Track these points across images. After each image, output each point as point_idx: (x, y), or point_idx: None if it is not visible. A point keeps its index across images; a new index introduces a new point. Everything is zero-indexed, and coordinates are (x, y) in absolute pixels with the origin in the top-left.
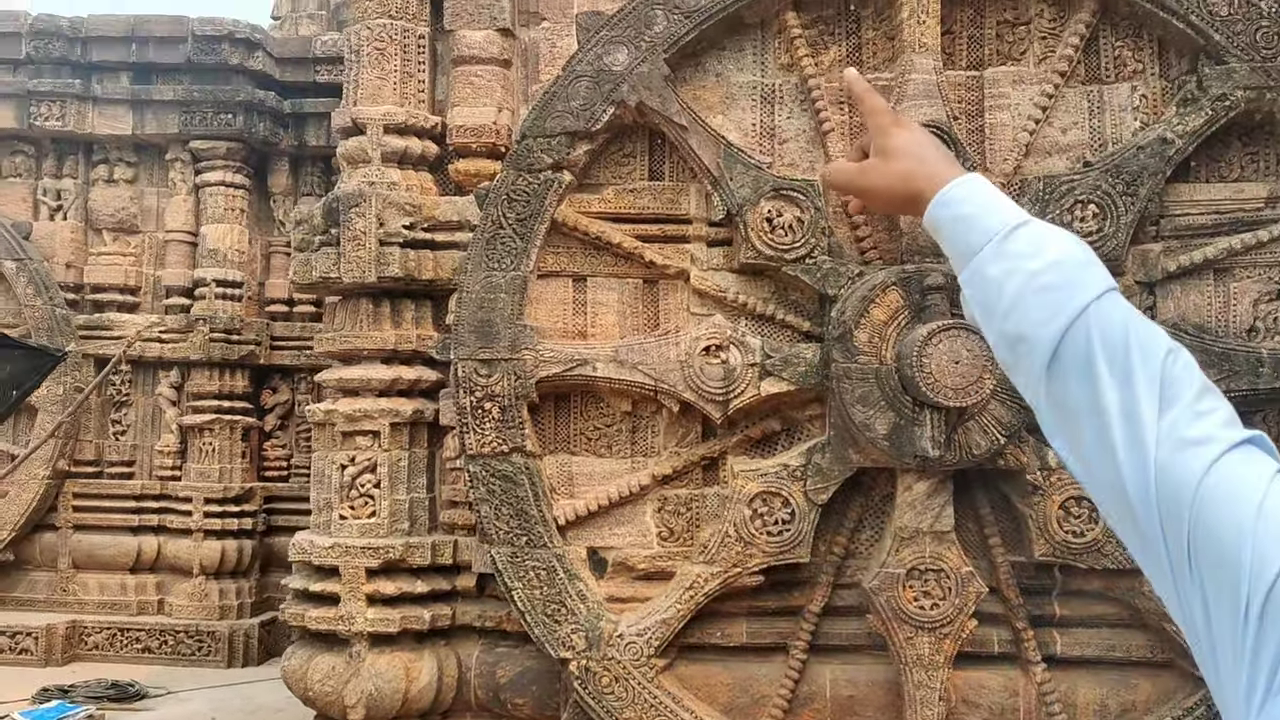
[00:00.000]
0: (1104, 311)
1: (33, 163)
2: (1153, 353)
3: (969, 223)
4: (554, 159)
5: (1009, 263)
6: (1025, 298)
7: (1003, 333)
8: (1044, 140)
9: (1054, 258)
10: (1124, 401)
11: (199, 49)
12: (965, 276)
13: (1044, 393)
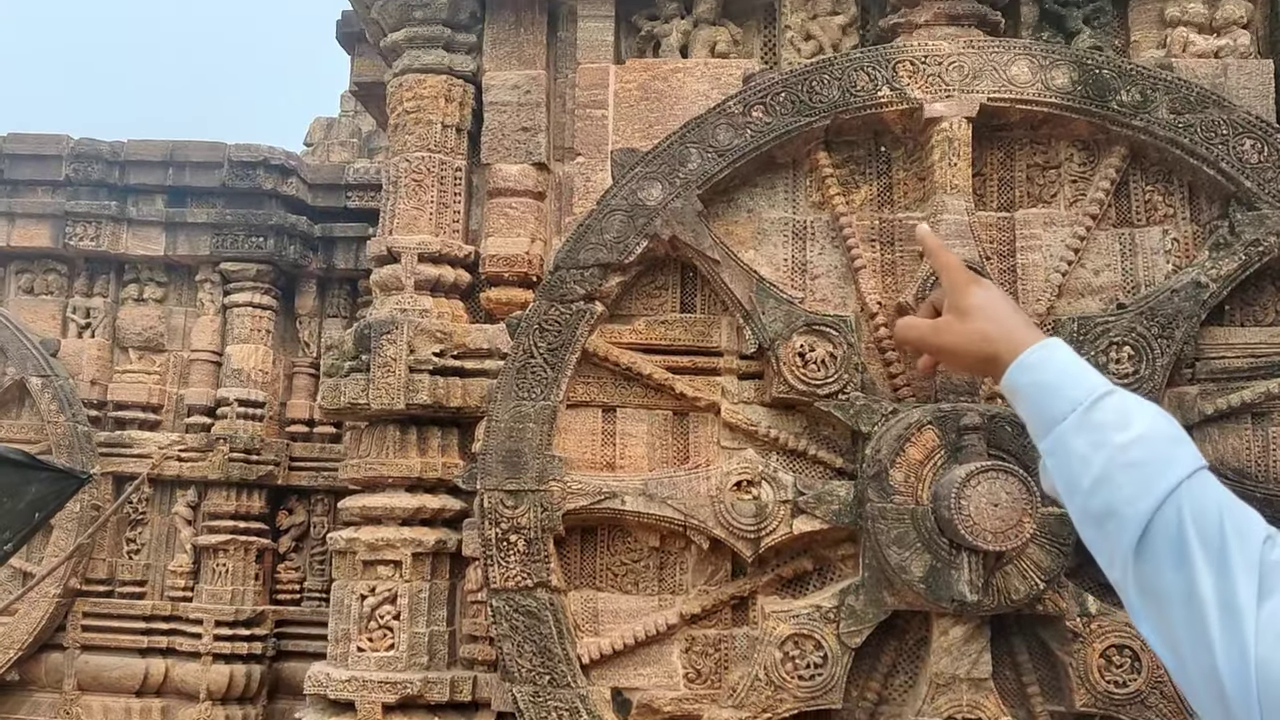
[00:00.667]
0: (1196, 491)
1: (65, 281)
2: (1250, 537)
3: (1050, 390)
4: (587, 290)
5: (1095, 434)
6: (1113, 473)
7: (1087, 509)
8: (1076, 281)
9: (1141, 431)
10: (1220, 589)
11: (234, 174)
12: (1047, 446)
13: (1132, 575)
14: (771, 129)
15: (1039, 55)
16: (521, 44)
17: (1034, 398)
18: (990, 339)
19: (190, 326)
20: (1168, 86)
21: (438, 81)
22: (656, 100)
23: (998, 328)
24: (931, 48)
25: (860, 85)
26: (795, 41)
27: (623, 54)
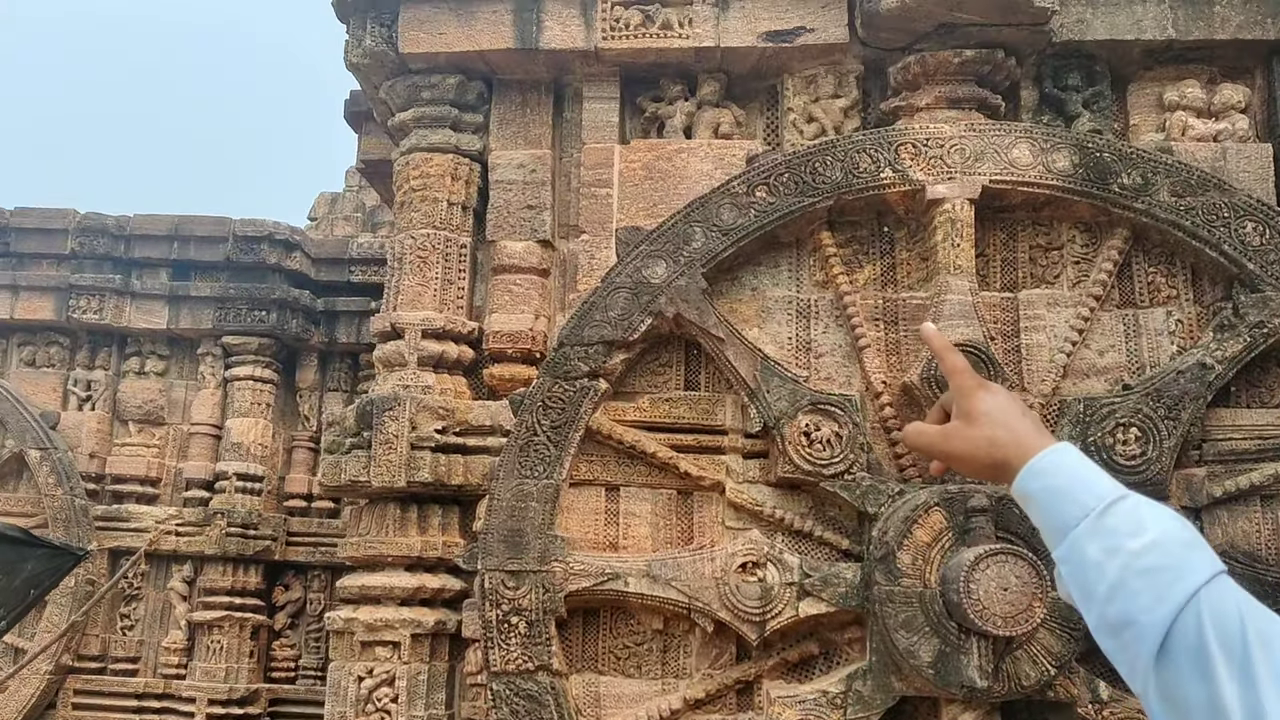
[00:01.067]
0: (1215, 598)
1: (67, 354)
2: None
3: (1061, 496)
4: (590, 367)
5: (1108, 541)
6: (1128, 580)
7: (1104, 617)
8: (1081, 362)
9: (1155, 536)
10: (1246, 700)
11: (238, 248)
12: (1061, 553)
13: (1153, 684)
14: (775, 209)
15: (1040, 138)
16: (528, 124)
17: (1046, 504)
18: (999, 444)
19: (191, 400)
20: (1168, 170)
21: (444, 160)
22: (661, 180)
23: (1007, 433)
24: (933, 130)
25: (863, 167)
26: (798, 123)
27: (627, 134)
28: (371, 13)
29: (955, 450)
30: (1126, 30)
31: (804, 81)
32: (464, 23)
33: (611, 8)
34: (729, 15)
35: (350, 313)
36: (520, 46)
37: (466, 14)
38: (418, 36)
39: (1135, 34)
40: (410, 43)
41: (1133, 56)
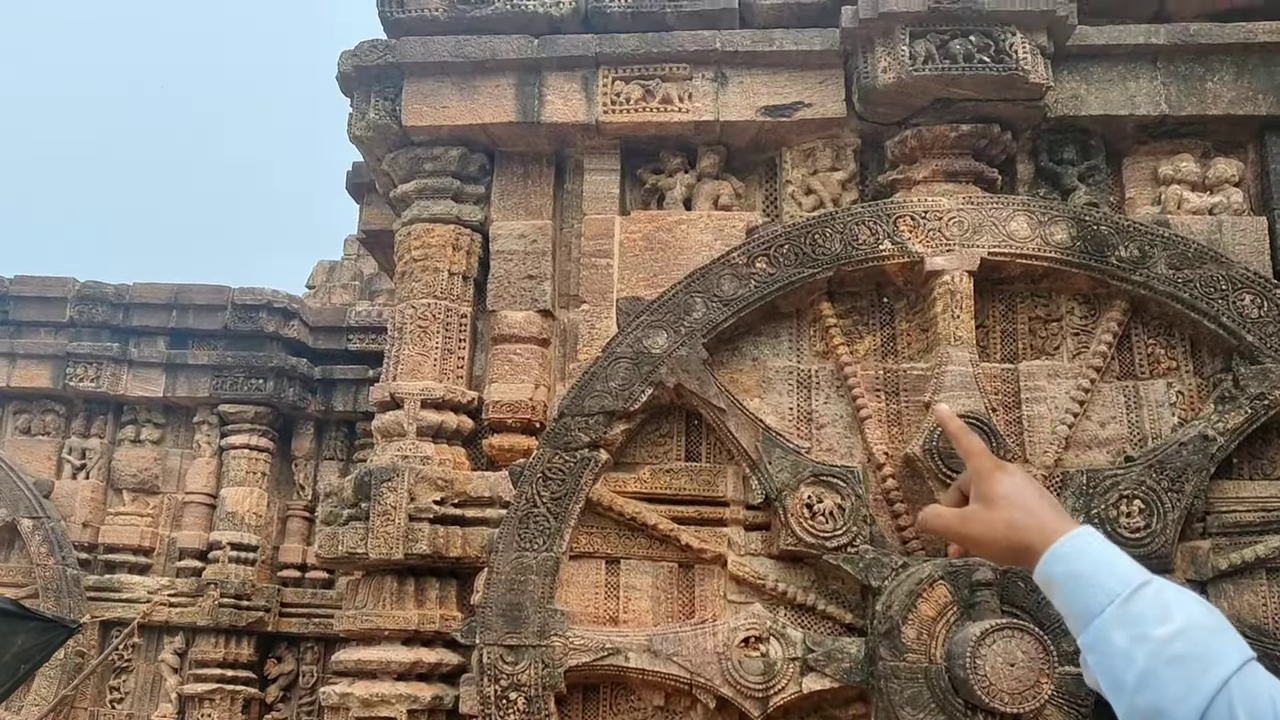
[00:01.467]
0: (1247, 685)
1: (62, 422)
2: None
3: (1085, 582)
4: (591, 437)
5: (1135, 628)
6: (1157, 670)
7: (1134, 707)
8: (1083, 434)
9: (1183, 624)
10: None
11: (237, 317)
12: (1086, 640)
13: None
14: (775, 280)
15: (1037, 211)
16: (529, 195)
17: (1069, 589)
18: (1019, 528)
19: (186, 468)
20: (1165, 242)
21: (446, 230)
22: (661, 250)
23: (1026, 516)
24: (931, 203)
25: (862, 239)
26: (796, 195)
27: (628, 205)
28: (376, 87)
29: (974, 534)
30: (1120, 106)
31: (802, 154)
32: (467, 96)
33: (612, 82)
34: (728, 90)
35: (347, 381)
36: (522, 120)
37: (469, 88)
38: (421, 110)
39: (1129, 109)
40: (413, 116)
41: (1127, 131)
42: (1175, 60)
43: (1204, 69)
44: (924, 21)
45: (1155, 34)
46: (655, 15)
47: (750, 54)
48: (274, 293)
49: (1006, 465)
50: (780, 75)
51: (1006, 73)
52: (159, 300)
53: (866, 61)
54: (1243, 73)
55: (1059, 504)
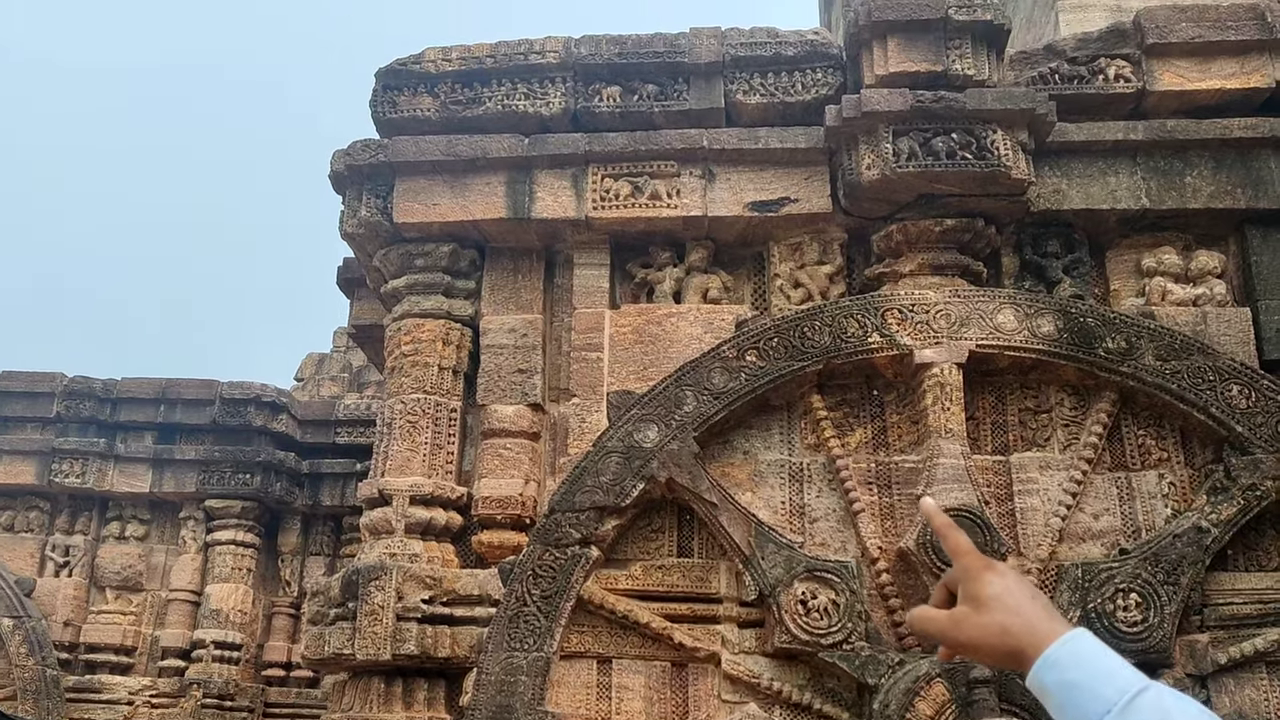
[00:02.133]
0: None
1: (46, 518)
2: None
3: (1080, 690)
4: (582, 534)
5: None
6: None
7: None
8: (1077, 526)
9: None
10: None
11: (225, 411)
12: None
13: None
14: (765, 373)
15: (1024, 304)
16: (519, 289)
17: (1064, 697)
18: (1011, 633)
19: (170, 565)
20: (1152, 334)
21: (436, 325)
22: (651, 343)
23: (1018, 620)
24: (918, 296)
25: (850, 331)
26: (784, 289)
27: (617, 299)
28: (368, 185)
29: (965, 638)
30: (1102, 200)
31: (790, 248)
32: (458, 194)
33: (601, 179)
34: (715, 186)
35: (335, 475)
36: (513, 216)
37: (461, 185)
38: (412, 207)
39: (1110, 204)
40: (405, 213)
41: (1109, 224)
42: (1154, 155)
43: (1183, 164)
44: (906, 120)
45: (1133, 130)
46: (643, 114)
47: (737, 151)
48: (262, 386)
49: (995, 564)
50: (767, 171)
51: (989, 169)
52: (147, 395)
53: (851, 158)
54: (1220, 167)
55: (1051, 604)
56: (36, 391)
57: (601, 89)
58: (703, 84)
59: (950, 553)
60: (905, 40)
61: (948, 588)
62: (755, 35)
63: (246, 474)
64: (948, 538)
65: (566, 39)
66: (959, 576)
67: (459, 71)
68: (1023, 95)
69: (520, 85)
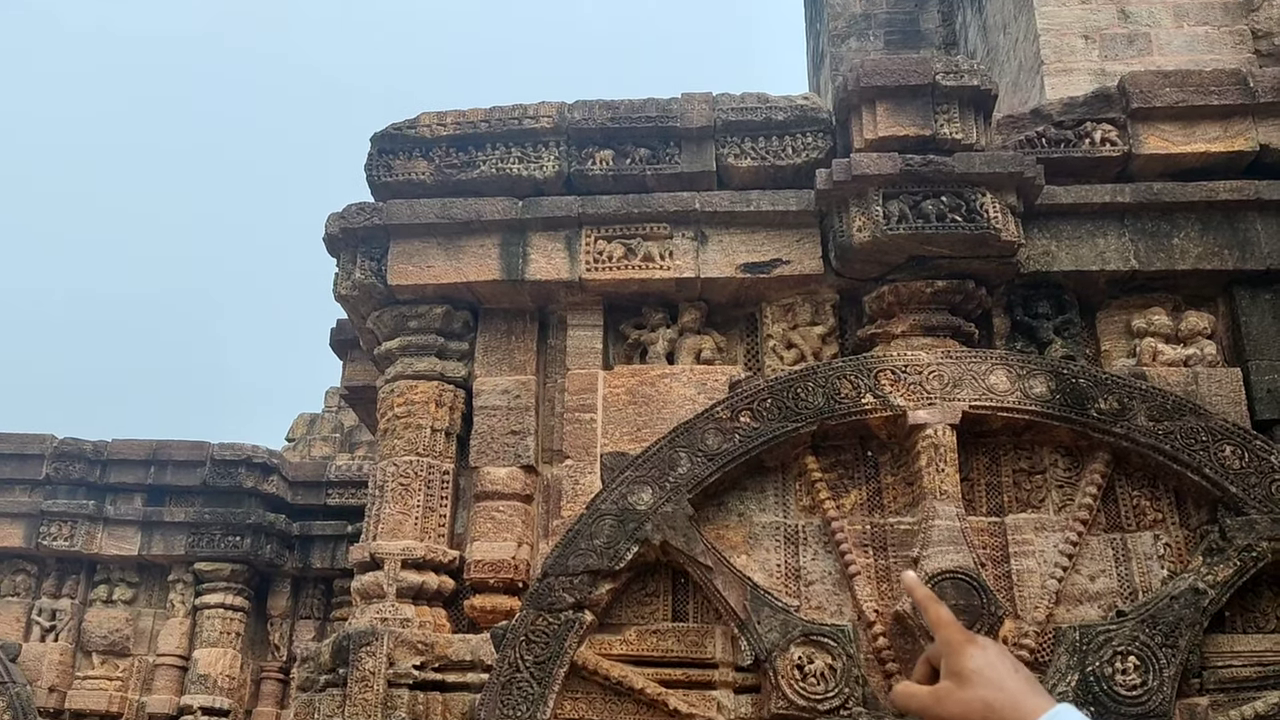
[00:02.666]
0: None
1: (33, 581)
2: None
3: None
4: (576, 598)
5: None
6: None
7: None
8: (1073, 588)
9: None
10: None
11: (215, 472)
12: None
13: None
14: (759, 434)
15: (1016, 365)
16: (512, 350)
17: None
18: (995, 708)
19: (158, 629)
20: (1144, 395)
21: (429, 387)
22: (644, 404)
23: (1001, 695)
24: (911, 357)
25: (844, 392)
26: (777, 349)
27: (611, 360)
28: (362, 248)
29: (948, 714)
30: (1091, 262)
31: (782, 309)
32: (452, 256)
33: (595, 241)
34: (708, 248)
35: (325, 537)
36: (506, 278)
37: (455, 247)
38: (406, 269)
39: (1099, 265)
40: (399, 275)
41: (1099, 285)
42: (1142, 217)
43: (1170, 226)
44: (896, 183)
45: (1121, 193)
46: (636, 177)
47: (729, 214)
48: (253, 448)
49: (977, 638)
50: (758, 234)
51: (979, 231)
52: (137, 456)
53: (842, 220)
54: (1208, 229)
55: (1034, 679)
56: (26, 453)
57: (594, 152)
58: (694, 148)
59: (932, 626)
60: (894, 105)
61: (930, 662)
62: (746, 100)
63: (236, 536)
64: (929, 610)
65: (560, 104)
66: (941, 651)
67: (454, 136)
68: (1011, 159)
69: (514, 149)
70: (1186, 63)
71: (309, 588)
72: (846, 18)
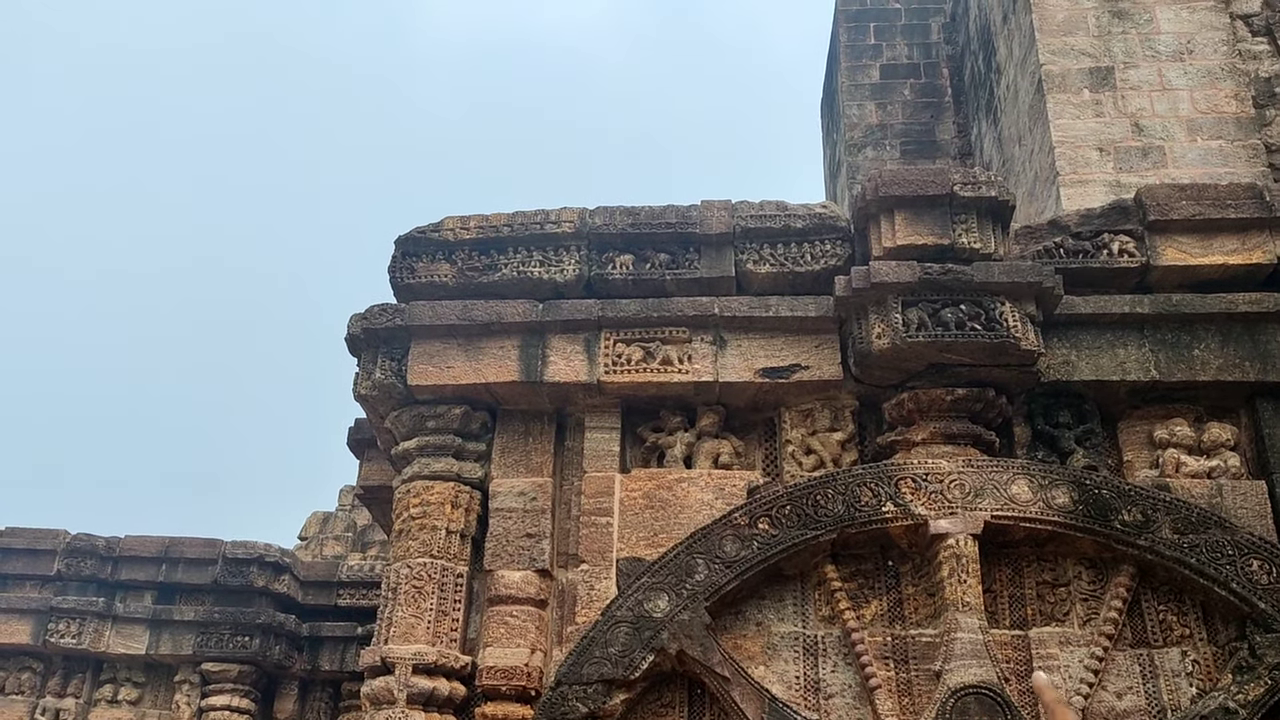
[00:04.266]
0: None
1: (39, 679)
2: None
3: None
4: (589, 708)
5: None
6: None
7: None
8: (1100, 705)
9: None
10: None
11: (227, 570)
12: None
13: None
14: (778, 541)
15: (1038, 475)
16: (530, 452)
17: None
18: None
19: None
20: (1168, 507)
21: (445, 488)
22: (661, 509)
23: None
24: (932, 466)
25: (864, 500)
26: (796, 455)
27: (628, 463)
28: (383, 348)
29: None
30: (1111, 372)
31: (801, 415)
32: (471, 357)
33: (614, 344)
34: (727, 353)
35: (335, 638)
36: (525, 380)
37: (474, 349)
38: (426, 370)
39: (1120, 375)
40: (419, 375)
41: (1120, 395)
42: (1161, 328)
43: (1190, 337)
44: (915, 291)
45: (1140, 303)
46: (655, 281)
47: (748, 319)
48: (266, 546)
49: None
50: (777, 339)
51: (998, 340)
52: (149, 553)
53: (861, 327)
54: (1228, 340)
55: None
56: (38, 549)
57: (615, 257)
58: (714, 253)
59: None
60: (912, 215)
61: None
62: (764, 208)
63: (245, 636)
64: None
65: (581, 209)
66: None
67: (476, 239)
68: (1029, 269)
69: (536, 252)
70: (1201, 175)
71: (316, 690)
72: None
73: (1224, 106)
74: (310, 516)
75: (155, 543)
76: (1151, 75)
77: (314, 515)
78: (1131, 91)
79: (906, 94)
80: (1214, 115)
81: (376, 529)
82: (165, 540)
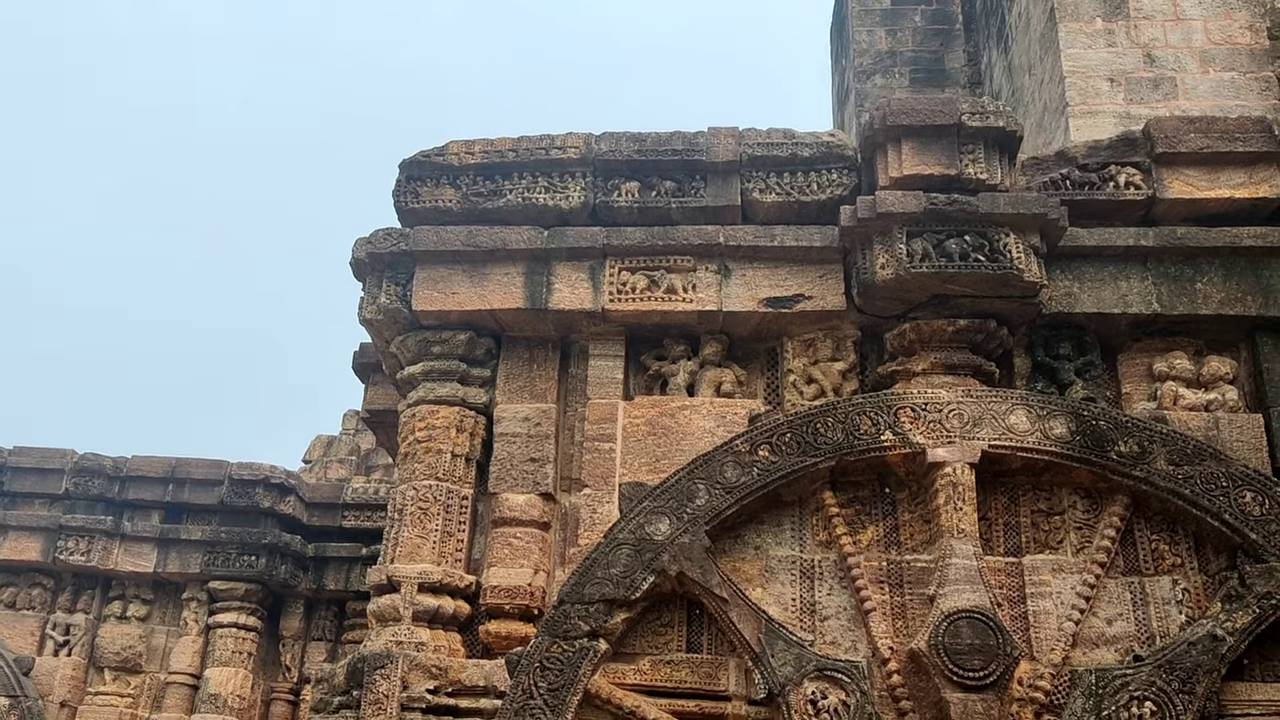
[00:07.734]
0: None
1: (49, 595)
2: None
3: None
4: (591, 626)
5: None
6: None
7: None
8: (1090, 630)
9: None
10: None
11: (233, 491)
12: None
13: None
14: (778, 468)
15: (1036, 405)
16: (534, 379)
17: None
18: None
19: (171, 647)
20: (1164, 439)
21: (450, 412)
22: (664, 435)
23: None
24: (931, 395)
25: (864, 429)
26: (798, 384)
27: (631, 390)
28: (388, 273)
29: None
30: (1113, 304)
31: (803, 344)
32: (476, 283)
33: (619, 272)
34: (731, 282)
35: (340, 559)
36: (530, 306)
37: (479, 275)
38: (431, 295)
39: (1121, 308)
40: (424, 301)
41: (1121, 328)
42: (1165, 261)
43: (1193, 270)
44: (920, 221)
45: (1144, 236)
46: (661, 210)
47: (753, 248)
48: (271, 468)
49: None
50: (781, 268)
51: (1001, 271)
52: (156, 473)
53: (865, 258)
54: (1231, 274)
55: None
56: (47, 468)
57: (620, 184)
58: (720, 182)
59: None
60: (919, 144)
61: None
62: (772, 136)
63: (251, 556)
64: None
65: (587, 135)
66: None
67: (481, 164)
68: (1035, 200)
69: (541, 179)
70: (1212, 108)
71: (322, 609)
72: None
73: (1238, 37)
74: (314, 440)
75: (162, 463)
76: (1165, 4)
77: (318, 439)
78: (1145, 21)
79: (917, 20)
80: (1227, 46)
81: (380, 453)
82: (172, 461)
